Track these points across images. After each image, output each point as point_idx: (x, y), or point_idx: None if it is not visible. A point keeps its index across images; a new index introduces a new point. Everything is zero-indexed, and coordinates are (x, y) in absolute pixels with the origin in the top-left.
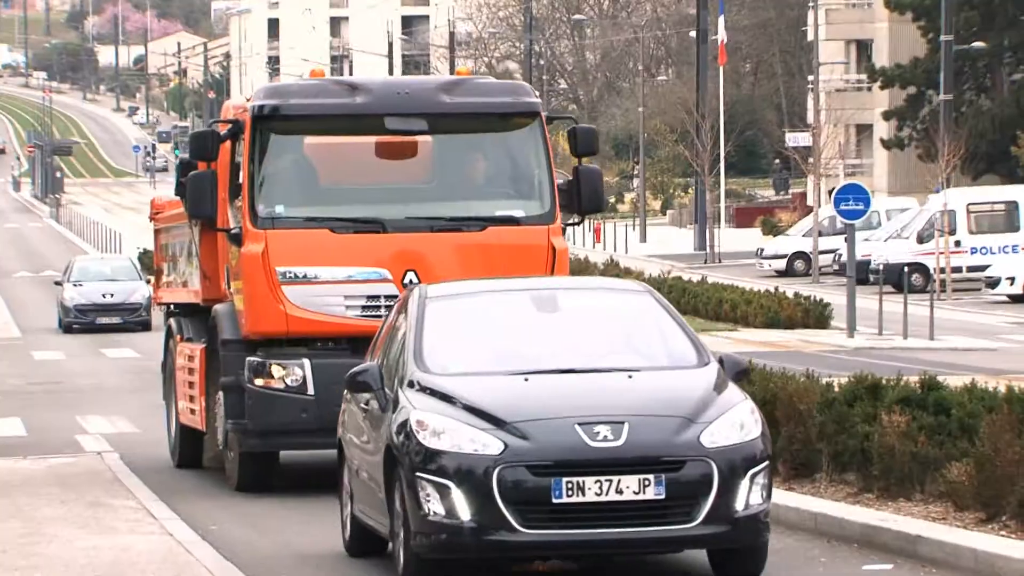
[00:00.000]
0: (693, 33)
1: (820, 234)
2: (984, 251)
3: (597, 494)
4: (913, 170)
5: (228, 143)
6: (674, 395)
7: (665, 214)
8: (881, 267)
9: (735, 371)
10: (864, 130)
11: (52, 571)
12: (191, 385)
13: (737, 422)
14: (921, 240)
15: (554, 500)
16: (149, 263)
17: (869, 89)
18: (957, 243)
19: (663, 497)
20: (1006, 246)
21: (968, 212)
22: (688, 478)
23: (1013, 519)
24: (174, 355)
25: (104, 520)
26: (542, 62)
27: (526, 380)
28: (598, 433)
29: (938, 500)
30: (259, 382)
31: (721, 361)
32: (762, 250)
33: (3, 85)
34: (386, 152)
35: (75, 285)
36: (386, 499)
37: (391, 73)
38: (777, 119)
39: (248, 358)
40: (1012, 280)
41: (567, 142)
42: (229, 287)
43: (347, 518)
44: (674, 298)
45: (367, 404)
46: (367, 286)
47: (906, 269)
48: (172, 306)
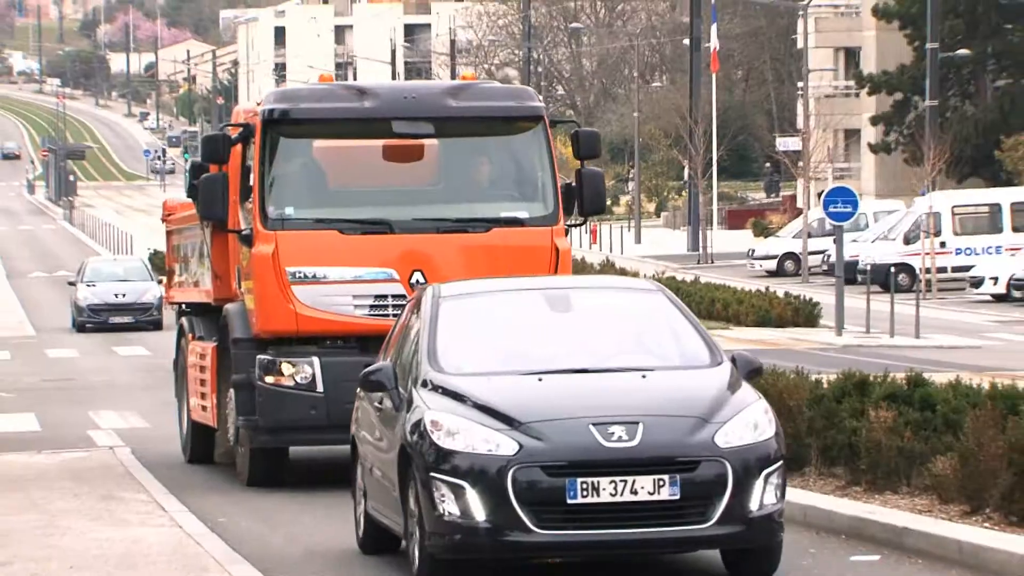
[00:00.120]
0: (687, 41)
1: (809, 235)
2: (968, 252)
3: (612, 494)
4: (900, 174)
5: (239, 146)
6: (688, 395)
7: (659, 216)
8: (868, 267)
9: (748, 370)
10: (852, 135)
11: (66, 561)
12: (203, 383)
13: (751, 422)
14: (907, 241)
15: (569, 500)
16: (160, 264)
17: (857, 95)
18: (942, 244)
19: (678, 497)
20: (990, 247)
21: (953, 214)
22: (703, 478)
23: (996, 511)
24: (186, 353)
25: (116, 513)
26: (540, 69)
27: (540, 380)
28: (612, 433)
29: (924, 493)
30: (269, 379)
31: (734, 360)
32: (753, 251)
33: (18, 91)
34: (393, 155)
35: (88, 285)
36: (400, 498)
37: (394, 79)
38: (768, 124)
39: (259, 356)
40: (995, 280)
41: (568, 146)
42: (240, 287)
43: (360, 515)
44: None
45: (381, 403)
46: (375, 286)
47: (893, 269)
48: (184, 305)
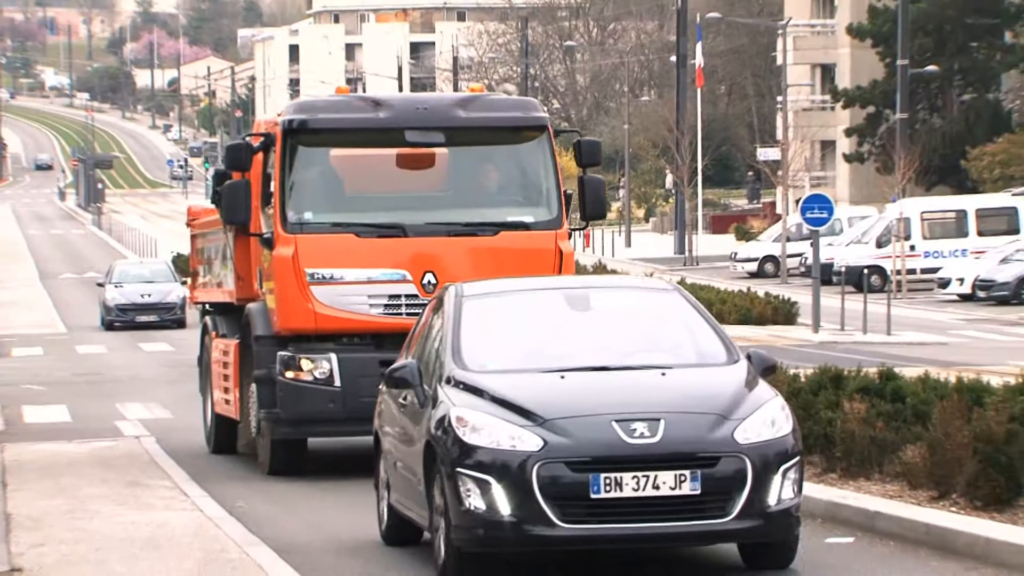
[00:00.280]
0: (673, 58)
1: (788, 239)
2: (936, 255)
3: (634, 489)
4: (872, 182)
5: (260, 155)
6: (707, 392)
7: (648, 221)
8: (843, 269)
9: (763, 367)
10: (828, 146)
11: (94, 543)
12: (226, 378)
13: (769, 419)
14: (879, 245)
15: (592, 495)
16: (183, 266)
17: (832, 108)
18: (912, 247)
19: (699, 492)
20: (956, 250)
21: (922, 219)
22: (723, 474)
23: (962, 497)
24: (210, 350)
25: (142, 498)
26: (537, 84)
27: (562, 377)
28: (635, 430)
29: (894, 480)
30: (289, 375)
31: (749, 357)
32: (736, 254)
33: (50, 105)
34: (406, 163)
35: (116, 286)
36: (425, 492)
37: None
38: (749, 136)
39: (279, 352)
40: (961, 281)
41: (570, 154)
42: (261, 287)
43: (384, 509)
44: None
45: (405, 399)
46: (389, 286)
47: (866, 271)
48: (207, 305)
